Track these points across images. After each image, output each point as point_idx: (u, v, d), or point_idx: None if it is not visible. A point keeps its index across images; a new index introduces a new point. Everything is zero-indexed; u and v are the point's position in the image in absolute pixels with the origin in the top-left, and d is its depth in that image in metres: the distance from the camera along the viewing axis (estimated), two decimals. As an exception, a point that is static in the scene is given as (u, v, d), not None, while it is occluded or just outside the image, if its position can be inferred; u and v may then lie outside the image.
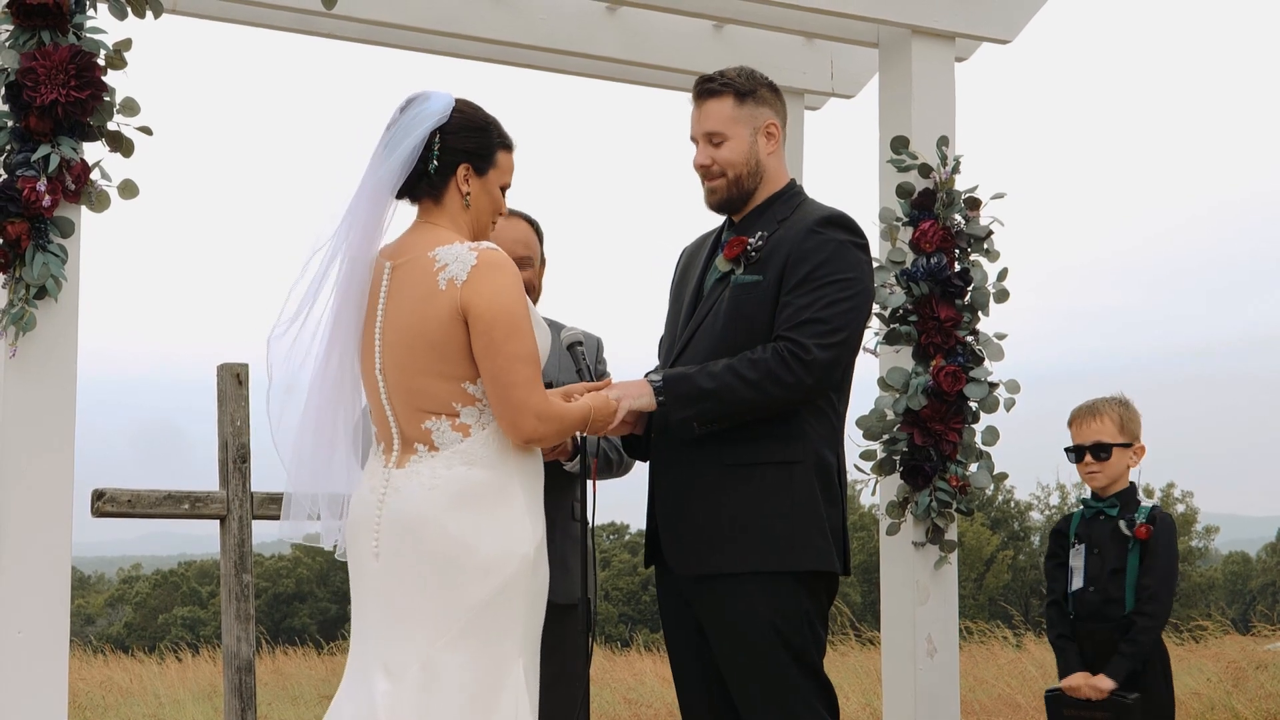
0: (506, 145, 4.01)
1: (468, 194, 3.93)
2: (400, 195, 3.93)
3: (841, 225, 4.38)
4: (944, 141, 5.92)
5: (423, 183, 3.91)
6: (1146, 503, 5.41)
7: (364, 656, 3.83)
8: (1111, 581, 5.31)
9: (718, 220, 4.65)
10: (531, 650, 3.86)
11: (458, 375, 3.80)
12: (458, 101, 3.94)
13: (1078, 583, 5.39)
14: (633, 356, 4.92)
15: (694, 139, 4.50)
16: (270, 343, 3.91)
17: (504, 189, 4.03)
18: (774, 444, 4.29)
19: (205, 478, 5.65)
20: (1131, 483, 5.46)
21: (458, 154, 3.92)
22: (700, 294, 4.50)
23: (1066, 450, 5.49)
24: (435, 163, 3.89)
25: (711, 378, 4.22)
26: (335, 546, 4.00)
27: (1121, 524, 5.34)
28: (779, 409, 4.27)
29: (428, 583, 3.75)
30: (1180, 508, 43.25)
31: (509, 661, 3.76)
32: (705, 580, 4.33)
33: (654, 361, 4.72)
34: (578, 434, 4.52)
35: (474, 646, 3.73)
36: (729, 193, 4.46)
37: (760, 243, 4.37)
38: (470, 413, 3.81)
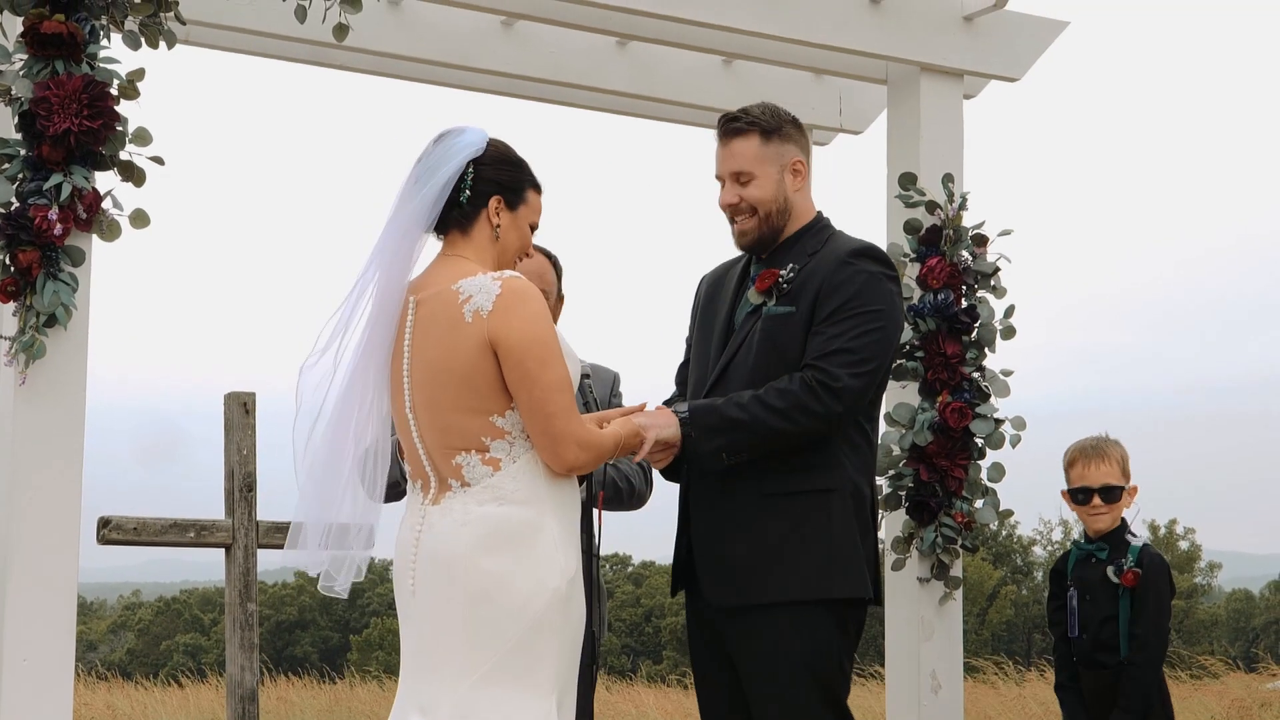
0: (537, 186, 4.03)
1: (498, 226, 3.93)
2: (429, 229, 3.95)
3: (872, 257, 4.39)
4: (949, 179, 5.93)
5: (454, 213, 3.91)
6: (1136, 542, 5.30)
7: (402, 695, 3.82)
8: (1104, 629, 5.24)
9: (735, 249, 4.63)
10: (565, 685, 3.81)
11: (486, 409, 3.78)
12: (491, 138, 3.97)
13: (1074, 629, 5.33)
14: (643, 389, 4.92)
15: (719, 178, 4.48)
16: (302, 371, 3.92)
17: (533, 228, 4.04)
18: (811, 473, 4.29)
19: (210, 506, 5.66)
20: (1121, 520, 5.35)
21: (491, 185, 3.92)
22: (731, 327, 4.47)
23: (1073, 492, 5.36)
24: (468, 192, 3.89)
25: (739, 408, 4.21)
26: (319, 576, 3.96)
27: (1110, 571, 5.27)
28: (808, 438, 4.26)
29: (460, 620, 3.72)
30: (1183, 545, 43.13)
31: (541, 699, 3.71)
32: (741, 611, 4.31)
33: (670, 391, 4.71)
34: None
35: (505, 684, 3.69)
36: (760, 232, 4.43)
37: (791, 274, 4.36)
38: (500, 446, 3.79)
